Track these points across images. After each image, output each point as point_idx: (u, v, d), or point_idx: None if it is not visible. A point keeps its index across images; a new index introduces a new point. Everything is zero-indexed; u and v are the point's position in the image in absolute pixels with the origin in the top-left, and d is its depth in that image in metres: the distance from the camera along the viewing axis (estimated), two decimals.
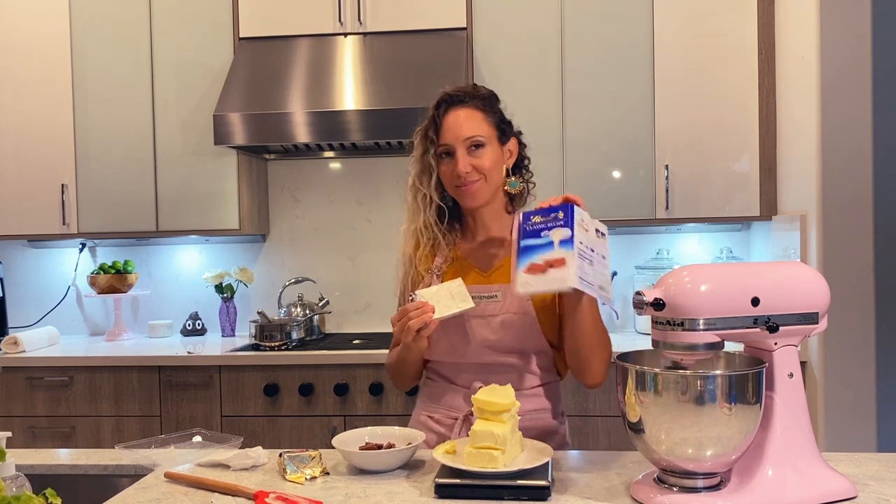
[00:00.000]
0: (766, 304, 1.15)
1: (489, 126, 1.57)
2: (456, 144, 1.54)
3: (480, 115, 1.56)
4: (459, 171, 1.53)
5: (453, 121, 1.56)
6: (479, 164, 1.54)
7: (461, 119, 1.55)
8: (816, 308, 1.19)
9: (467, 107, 1.56)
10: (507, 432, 1.22)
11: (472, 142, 1.54)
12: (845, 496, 1.16)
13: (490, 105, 1.59)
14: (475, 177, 1.54)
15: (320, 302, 3.27)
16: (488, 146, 1.55)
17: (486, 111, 1.58)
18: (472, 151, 1.54)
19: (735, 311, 1.14)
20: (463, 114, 1.56)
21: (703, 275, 1.15)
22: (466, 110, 1.56)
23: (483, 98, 1.59)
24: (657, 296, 1.15)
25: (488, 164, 1.54)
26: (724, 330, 1.13)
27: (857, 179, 2.48)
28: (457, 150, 1.54)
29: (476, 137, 1.54)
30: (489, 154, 1.55)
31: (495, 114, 1.60)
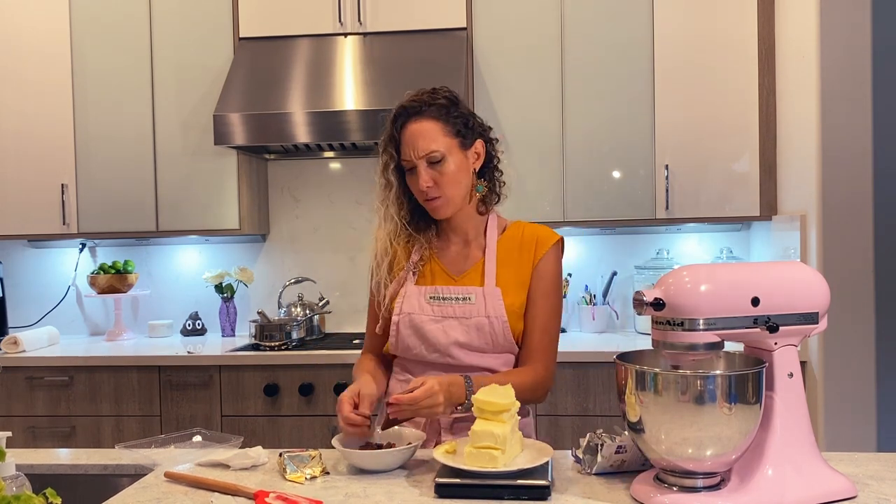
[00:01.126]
0: (766, 304, 1.15)
1: (447, 136, 1.53)
2: (415, 161, 1.52)
3: (438, 127, 1.53)
4: (421, 188, 1.53)
5: (410, 136, 1.53)
6: (440, 180, 1.52)
7: (417, 134, 1.52)
8: (816, 308, 1.19)
9: (424, 118, 1.53)
10: (507, 432, 1.23)
11: (430, 157, 1.52)
12: (845, 496, 1.16)
13: (448, 112, 1.55)
14: (436, 192, 1.53)
15: (320, 302, 3.27)
16: (449, 157, 1.52)
17: (445, 120, 1.54)
18: (431, 166, 1.52)
19: (735, 311, 1.14)
20: (419, 127, 1.52)
21: (703, 275, 1.15)
22: (424, 123, 1.53)
23: (440, 106, 1.54)
24: (657, 296, 1.15)
25: (449, 178, 1.52)
26: (724, 330, 1.13)
27: (857, 179, 2.48)
28: (417, 167, 1.52)
29: (433, 153, 1.51)
30: (450, 166, 1.52)
31: (455, 120, 1.55)
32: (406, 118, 1.54)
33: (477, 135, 1.59)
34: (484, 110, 2.99)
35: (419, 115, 1.54)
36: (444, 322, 1.56)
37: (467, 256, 1.63)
